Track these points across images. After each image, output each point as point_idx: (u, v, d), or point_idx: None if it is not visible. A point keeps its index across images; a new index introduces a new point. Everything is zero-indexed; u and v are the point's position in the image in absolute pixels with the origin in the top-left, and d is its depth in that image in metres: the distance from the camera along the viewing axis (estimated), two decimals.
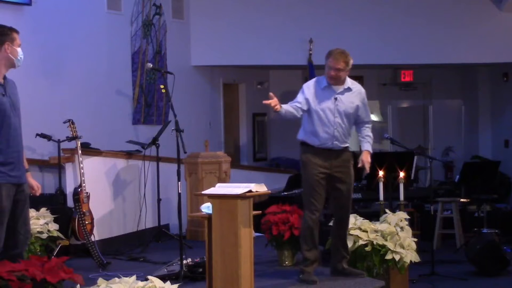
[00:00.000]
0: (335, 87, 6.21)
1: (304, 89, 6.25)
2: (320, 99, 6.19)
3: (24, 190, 5.08)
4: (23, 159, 5.09)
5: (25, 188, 5.09)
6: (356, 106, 6.31)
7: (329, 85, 6.20)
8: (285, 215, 6.97)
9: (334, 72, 6.13)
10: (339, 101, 6.20)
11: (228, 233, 5.38)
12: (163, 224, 8.90)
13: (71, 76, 8.93)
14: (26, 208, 5.11)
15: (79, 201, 7.62)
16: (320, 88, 6.21)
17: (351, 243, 6.59)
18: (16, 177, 4.97)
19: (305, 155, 6.27)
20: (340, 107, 6.21)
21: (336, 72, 6.13)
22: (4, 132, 4.92)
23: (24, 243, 5.09)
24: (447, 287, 7.76)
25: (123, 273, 5.61)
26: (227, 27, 11.57)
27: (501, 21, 11.91)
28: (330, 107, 6.19)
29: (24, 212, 5.09)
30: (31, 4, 8.25)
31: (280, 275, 6.60)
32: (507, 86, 13.44)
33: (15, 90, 5.09)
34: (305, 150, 6.29)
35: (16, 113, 5.03)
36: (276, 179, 11.22)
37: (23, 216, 5.07)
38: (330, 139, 6.23)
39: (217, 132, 12.05)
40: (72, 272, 4.48)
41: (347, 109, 6.25)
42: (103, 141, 8.82)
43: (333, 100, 6.19)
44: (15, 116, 5.00)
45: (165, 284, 4.29)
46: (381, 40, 11.78)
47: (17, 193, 5.04)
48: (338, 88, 6.22)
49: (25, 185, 5.10)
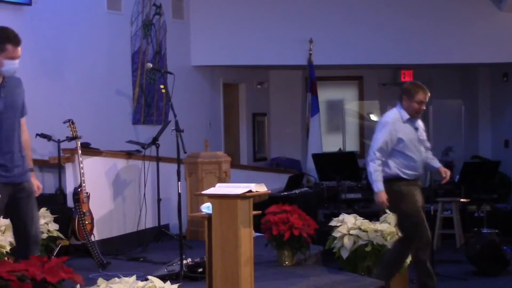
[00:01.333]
0: (414, 119, 6.51)
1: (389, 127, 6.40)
2: (408, 132, 6.44)
3: (25, 188, 5.05)
4: (21, 159, 5.03)
5: (26, 186, 5.05)
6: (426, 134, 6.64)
7: (410, 117, 6.46)
8: (285, 215, 6.97)
9: (424, 106, 6.48)
10: (419, 131, 6.52)
11: (228, 233, 5.38)
12: (163, 224, 8.90)
13: (71, 76, 8.93)
14: (31, 205, 5.06)
15: (79, 201, 7.62)
16: (403, 122, 6.45)
17: (351, 243, 6.60)
18: (8, 177, 4.93)
19: (399, 187, 6.39)
20: (420, 137, 6.52)
21: (423, 106, 6.48)
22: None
23: (36, 243, 5.06)
24: (447, 287, 7.77)
25: (123, 273, 5.61)
26: (227, 27, 11.57)
27: (501, 21, 11.91)
28: (414, 138, 6.45)
29: (29, 210, 5.05)
30: (31, 4, 8.25)
31: (280, 275, 6.60)
32: (507, 86, 13.44)
33: (16, 89, 5.03)
34: (397, 183, 6.40)
35: (12, 114, 4.97)
36: (276, 179, 11.22)
37: (30, 215, 5.04)
38: (419, 167, 6.48)
39: (217, 132, 12.05)
40: (72, 272, 4.47)
41: (423, 137, 6.58)
42: (103, 141, 8.81)
43: (415, 131, 6.48)
44: (8, 117, 4.93)
45: (165, 284, 4.28)
46: (381, 40, 11.78)
47: (17, 191, 5.03)
48: (415, 119, 6.53)
49: (25, 183, 5.05)
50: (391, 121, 6.43)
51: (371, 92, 14.50)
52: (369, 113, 14.60)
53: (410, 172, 6.39)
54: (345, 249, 6.65)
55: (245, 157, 13.16)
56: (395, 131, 6.37)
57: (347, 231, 6.70)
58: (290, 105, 14.08)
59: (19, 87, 5.07)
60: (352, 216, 6.91)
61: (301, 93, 13.87)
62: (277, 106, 14.09)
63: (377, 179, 6.28)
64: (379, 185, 6.28)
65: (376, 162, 6.31)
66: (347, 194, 10.76)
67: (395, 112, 6.49)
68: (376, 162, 6.31)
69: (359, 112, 14.53)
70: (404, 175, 6.38)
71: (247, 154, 13.25)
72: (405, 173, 6.39)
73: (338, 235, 6.73)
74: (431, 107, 13.98)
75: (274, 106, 14.11)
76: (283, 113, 14.11)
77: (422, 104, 6.42)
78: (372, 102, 14.50)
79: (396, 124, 6.40)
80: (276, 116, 14.10)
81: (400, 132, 6.37)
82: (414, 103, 6.40)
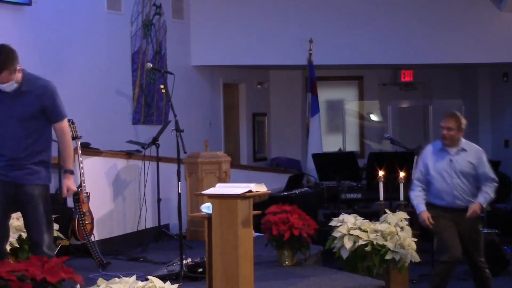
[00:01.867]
0: (450, 149, 6.57)
1: (423, 156, 6.72)
2: (436, 162, 6.57)
3: (27, 192, 5.08)
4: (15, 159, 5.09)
5: (28, 190, 5.09)
6: (473, 166, 6.58)
7: (444, 147, 6.56)
8: (285, 215, 6.97)
9: (446, 131, 6.51)
10: (455, 162, 6.54)
11: (228, 233, 5.38)
12: (163, 224, 8.90)
13: (71, 76, 8.91)
14: (31, 210, 5.10)
15: (79, 201, 7.62)
16: (436, 151, 6.61)
17: (351, 243, 6.60)
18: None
19: (433, 211, 6.61)
20: (456, 168, 6.52)
21: (448, 131, 6.50)
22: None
23: (36, 248, 5.09)
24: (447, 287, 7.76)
25: (123, 273, 5.62)
26: (227, 27, 11.57)
27: (501, 21, 11.91)
28: (447, 168, 6.53)
29: (29, 215, 5.11)
30: (31, 4, 8.24)
31: (280, 275, 6.60)
32: (507, 86, 13.44)
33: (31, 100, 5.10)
34: (433, 208, 6.64)
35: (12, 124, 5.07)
36: (276, 179, 11.22)
37: (33, 221, 5.10)
38: (452, 199, 6.56)
39: (217, 132, 12.05)
40: (72, 272, 4.47)
41: (464, 168, 6.56)
42: (103, 141, 8.81)
43: (448, 162, 6.53)
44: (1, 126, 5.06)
45: (165, 284, 4.29)
46: (381, 40, 11.78)
47: (19, 194, 5.07)
48: (452, 150, 6.56)
49: (27, 186, 5.09)
50: (424, 152, 6.75)
51: (371, 92, 14.50)
52: (369, 113, 14.60)
53: (437, 200, 6.63)
54: (345, 249, 6.64)
55: (245, 157, 13.15)
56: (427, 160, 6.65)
57: (347, 231, 6.70)
58: (290, 105, 14.08)
59: (39, 97, 5.12)
60: (352, 216, 6.91)
61: (301, 93, 13.87)
62: (277, 106, 14.09)
63: (418, 203, 6.63)
64: (420, 206, 6.60)
65: (415, 190, 6.68)
66: (347, 194, 10.76)
67: (433, 143, 6.81)
68: (416, 189, 6.67)
69: (359, 112, 14.53)
70: (433, 202, 6.65)
71: (247, 154, 13.25)
72: (433, 200, 6.65)
73: (338, 235, 6.73)
74: (431, 107, 14.00)
75: (274, 106, 14.11)
76: (283, 113, 14.11)
77: (444, 129, 6.56)
78: (372, 102, 14.50)
79: (428, 153, 6.68)
80: (276, 116, 14.10)
81: (429, 162, 6.62)
82: (440, 129, 6.62)
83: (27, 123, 5.11)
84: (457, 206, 6.56)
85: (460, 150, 6.59)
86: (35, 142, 5.13)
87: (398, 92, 14.52)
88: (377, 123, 14.41)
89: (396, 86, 14.49)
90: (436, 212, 6.59)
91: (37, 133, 5.15)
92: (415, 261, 6.73)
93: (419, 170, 6.68)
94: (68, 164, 5.26)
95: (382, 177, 7.53)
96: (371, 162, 9.89)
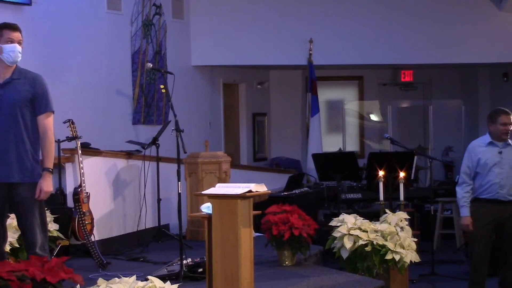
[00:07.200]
0: (498, 143, 6.74)
1: (470, 150, 6.82)
2: (487, 155, 6.73)
3: (19, 193, 5.03)
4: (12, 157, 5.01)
5: (20, 191, 5.03)
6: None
7: (492, 141, 6.75)
8: (285, 215, 6.97)
9: (509, 127, 6.70)
10: (504, 154, 6.73)
11: (228, 233, 5.38)
12: (163, 224, 8.90)
13: (71, 76, 8.92)
14: (23, 211, 5.05)
15: (79, 201, 7.62)
16: (484, 146, 6.78)
17: (351, 243, 6.60)
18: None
19: (478, 205, 6.74)
20: (506, 160, 6.72)
21: (508, 127, 6.71)
22: None
23: (31, 248, 5.05)
24: (447, 287, 7.77)
25: (123, 273, 5.61)
26: (227, 27, 11.57)
27: (501, 21, 11.91)
28: (497, 161, 6.71)
29: (21, 217, 5.06)
30: (31, 4, 8.24)
31: (280, 275, 6.60)
32: (507, 86, 13.44)
33: (23, 86, 5.03)
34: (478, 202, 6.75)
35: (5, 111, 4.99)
36: (276, 179, 11.21)
37: (22, 221, 5.06)
38: (503, 191, 6.68)
39: (217, 132, 12.05)
40: (72, 272, 4.47)
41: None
42: (103, 141, 8.81)
43: (498, 154, 6.73)
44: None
45: (165, 284, 4.28)
46: (381, 40, 11.78)
47: (12, 195, 5.04)
48: (500, 143, 6.77)
49: (19, 187, 5.04)
50: (470, 148, 6.85)
51: (371, 92, 14.51)
52: (369, 113, 14.61)
53: (484, 193, 6.72)
54: (345, 249, 6.64)
55: (245, 157, 13.16)
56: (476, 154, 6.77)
57: (347, 231, 6.69)
58: (290, 105, 14.08)
59: (24, 84, 5.05)
60: (352, 216, 6.90)
61: (301, 93, 13.87)
62: (277, 106, 14.09)
63: (463, 205, 6.76)
64: (464, 210, 6.74)
65: (462, 186, 6.78)
66: (347, 194, 10.76)
67: (478, 139, 6.95)
68: (463, 186, 6.77)
69: (359, 112, 14.54)
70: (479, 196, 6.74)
71: (247, 154, 13.25)
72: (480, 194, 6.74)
73: (338, 235, 6.73)
74: (431, 107, 14.00)
75: (274, 106, 14.11)
76: (283, 113, 14.11)
77: (507, 125, 6.70)
78: (372, 102, 14.51)
79: (476, 149, 6.80)
80: (276, 116, 14.10)
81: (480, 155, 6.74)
82: (500, 125, 6.71)
83: (17, 112, 5.00)
84: (504, 199, 6.68)
85: (507, 143, 6.77)
86: (25, 133, 5.02)
87: (398, 92, 14.53)
88: (377, 123, 14.41)
89: (396, 86, 14.50)
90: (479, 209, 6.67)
91: (27, 124, 5.03)
92: (415, 261, 6.72)
93: (466, 165, 6.78)
94: (47, 162, 5.07)
95: (382, 177, 7.53)
96: (371, 162, 9.90)
